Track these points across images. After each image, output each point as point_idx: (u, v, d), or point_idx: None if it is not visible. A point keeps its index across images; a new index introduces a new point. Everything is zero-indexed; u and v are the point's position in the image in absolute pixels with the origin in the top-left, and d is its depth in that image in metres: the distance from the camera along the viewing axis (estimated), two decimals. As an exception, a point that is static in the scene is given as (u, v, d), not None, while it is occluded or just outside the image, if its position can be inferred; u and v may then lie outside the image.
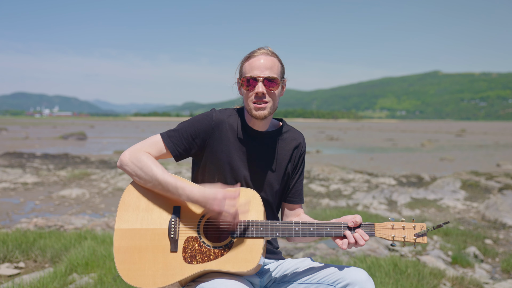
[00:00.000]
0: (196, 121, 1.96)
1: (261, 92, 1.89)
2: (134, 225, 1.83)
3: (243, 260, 1.76)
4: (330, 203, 9.24)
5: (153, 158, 1.87)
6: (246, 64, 1.94)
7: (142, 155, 1.86)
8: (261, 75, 1.89)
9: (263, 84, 1.90)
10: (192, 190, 1.78)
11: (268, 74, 1.90)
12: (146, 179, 1.83)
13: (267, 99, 1.91)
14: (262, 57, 1.92)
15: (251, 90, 1.91)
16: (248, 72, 1.92)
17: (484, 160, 21.33)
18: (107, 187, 10.88)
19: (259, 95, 1.90)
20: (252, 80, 1.90)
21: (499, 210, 7.79)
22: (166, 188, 1.80)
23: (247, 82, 1.91)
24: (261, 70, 1.90)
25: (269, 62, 1.91)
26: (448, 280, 3.97)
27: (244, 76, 1.93)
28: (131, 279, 1.78)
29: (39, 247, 4.52)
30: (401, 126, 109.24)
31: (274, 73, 1.91)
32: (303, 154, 2.12)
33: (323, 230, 1.83)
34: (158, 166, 1.84)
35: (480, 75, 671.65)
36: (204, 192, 1.77)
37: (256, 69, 1.90)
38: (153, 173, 1.81)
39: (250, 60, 1.93)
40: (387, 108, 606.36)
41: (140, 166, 1.83)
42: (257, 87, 1.89)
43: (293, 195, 2.11)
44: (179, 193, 1.79)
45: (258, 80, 1.90)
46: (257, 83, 1.90)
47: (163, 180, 1.80)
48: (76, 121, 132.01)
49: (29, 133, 42.87)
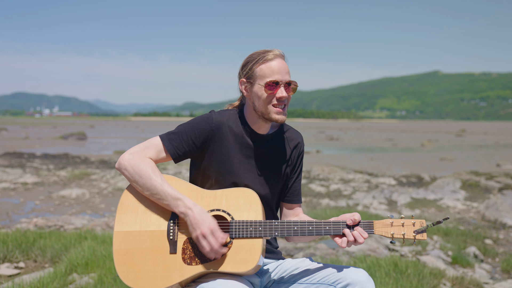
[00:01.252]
0: (196, 123, 1.95)
1: (285, 96, 1.90)
2: (133, 227, 1.83)
3: (243, 260, 1.76)
4: (330, 203, 9.24)
5: (153, 165, 1.86)
6: (263, 67, 1.90)
7: (142, 162, 1.84)
8: (283, 80, 1.90)
9: (284, 88, 1.91)
10: (191, 205, 1.78)
11: (288, 78, 1.91)
12: (144, 187, 1.82)
13: (286, 102, 1.93)
14: (280, 60, 1.92)
15: (272, 94, 1.90)
16: (268, 75, 1.89)
17: (484, 160, 21.33)
18: (107, 187, 10.88)
19: (282, 100, 1.90)
20: (274, 84, 1.89)
21: (499, 210, 7.79)
22: (165, 197, 1.80)
23: (269, 86, 1.89)
24: (282, 75, 1.90)
25: (286, 66, 1.93)
26: (448, 280, 3.96)
27: (266, 79, 1.89)
28: (131, 281, 1.78)
29: (39, 247, 4.52)
30: (401, 126, 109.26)
31: (291, 77, 1.94)
32: (302, 154, 2.12)
33: (322, 228, 1.83)
34: (157, 174, 1.83)
35: (480, 75, 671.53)
36: (203, 212, 1.76)
37: (277, 73, 1.89)
38: (151, 182, 1.81)
39: (269, 63, 1.90)
40: (387, 108, 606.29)
41: (139, 174, 1.82)
42: (281, 92, 1.89)
43: (291, 194, 2.11)
44: (177, 204, 1.79)
45: (281, 85, 1.90)
46: (279, 87, 1.90)
47: (162, 189, 1.80)
48: (76, 121, 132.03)
49: (29, 133, 42.87)
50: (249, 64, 1.93)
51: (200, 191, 1.89)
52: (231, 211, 1.84)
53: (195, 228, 1.74)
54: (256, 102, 1.93)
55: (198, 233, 1.73)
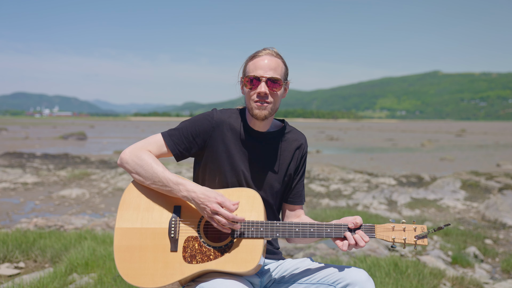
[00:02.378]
0: (197, 120, 1.96)
1: (263, 92, 1.89)
2: (134, 224, 1.84)
3: (243, 260, 1.76)
4: (330, 203, 9.24)
5: (153, 156, 1.89)
6: (250, 64, 1.94)
7: (142, 153, 1.87)
8: (265, 75, 1.89)
9: (266, 84, 1.90)
10: (193, 187, 1.79)
11: (271, 74, 1.90)
12: (146, 176, 1.84)
13: (269, 99, 1.91)
14: (267, 57, 1.92)
15: (253, 89, 1.91)
16: (251, 71, 1.91)
17: (484, 160, 21.33)
18: (107, 187, 10.88)
19: (261, 95, 1.89)
20: (255, 79, 1.90)
21: (499, 210, 7.79)
22: (167, 184, 1.81)
23: (250, 81, 1.91)
24: (264, 70, 1.89)
25: (273, 63, 1.91)
26: (448, 280, 3.96)
27: (247, 75, 1.92)
28: (131, 278, 1.78)
29: (39, 247, 4.52)
30: (401, 126, 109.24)
31: (277, 74, 1.91)
32: (305, 155, 2.12)
33: (323, 231, 1.83)
34: (159, 163, 1.85)
35: (480, 75, 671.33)
36: (206, 190, 1.78)
37: (260, 68, 1.90)
38: (153, 170, 1.83)
39: (255, 60, 1.92)
40: (387, 108, 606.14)
41: (140, 164, 1.84)
42: (260, 87, 1.89)
43: (293, 196, 2.11)
44: (179, 189, 1.80)
45: (261, 80, 1.89)
46: (260, 83, 1.90)
47: (164, 176, 1.81)
48: (76, 121, 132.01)
49: (29, 133, 42.86)
50: (245, 63, 1.98)
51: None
52: (233, 211, 1.84)
53: (204, 206, 1.76)
54: (245, 98, 1.98)
55: (208, 210, 1.75)
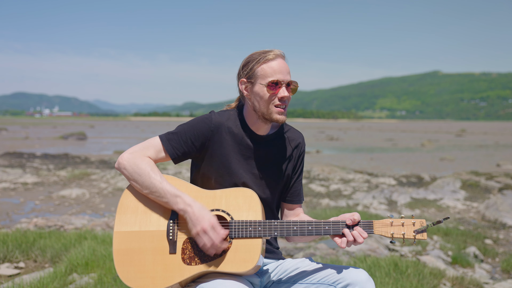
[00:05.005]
0: (195, 124, 1.95)
1: (287, 96, 1.90)
2: (133, 227, 1.83)
3: (242, 260, 1.76)
4: (330, 203, 9.24)
5: (152, 164, 1.86)
6: (264, 67, 1.90)
7: (141, 161, 1.85)
8: (285, 80, 1.90)
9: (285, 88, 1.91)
10: (191, 201, 1.78)
11: (289, 78, 1.92)
12: (143, 186, 1.83)
13: (287, 102, 1.94)
14: (281, 60, 1.92)
15: (274, 94, 1.90)
16: (270, 75, 1.89)
17: (484, 160, 21.33)
18: (107, 187, 10.88)
19: (284, 99, 1.90)
20: (275, 84, 1.89)
21: (499, 210, 7.79)
22: (164, 195, 1.80)
23: (271, 86, 1.89)
24: (284, 74, 1.90)
25: (287, 66, 1.94)
26: (448, 280, 3.96)
27: (267, 79, 1.89)
28: (131, 281, 1.78)
29: (39, 247, 4.52)
30: (401, 126, 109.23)
31: (292, 77, 1.94)
32: (303, 154, 2.12)
33: (321, 228, 1.83)
34: (156, 173, 1.83)
35: (480, 75, 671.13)
36: (203, 209, 1.76)
37: (279, 73, 1.89)
38: (151, 180, 1.81)
39: (270, 63, 1.90)
40: (387, 108, 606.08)
41: (138, 172, 1.83)
42: (282, 91, 1.89)
43: (292, 195, 2.11)
44: (177, 201, 1.79)
45: (283, 84, 1.90)
46: (281, 87, 1.90)
47: (161, 187, 1.80)
48: (76, 121, 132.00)
49: (29, 133, 42.87)
50: (250, 64, 1.93)
51: (199, 191, 1.89)
52: (230, 211, 1.84)
53: (195, 224, 1.74)
54: (257, 102, 1.93)
55: (199, 229, 1.73)
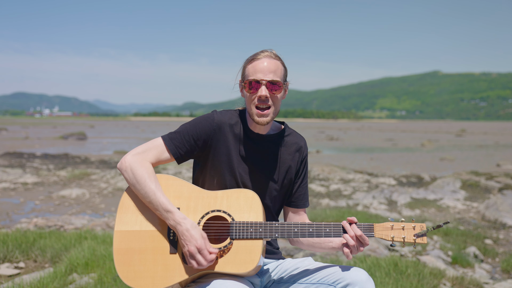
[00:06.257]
0: (197, 123, 1.95)
1: (264, 95, 1.88)
2: (133, 227, 1.83)
3: (243, 261, 1.76)
4: (330, 203, 9.24)
5: (150, 171, 1.85)
6: (249, 67, 1.92)
7: (140, 166, 1.84)
8: (265, 79, 1.88)
9: (266, 87, 1.89)
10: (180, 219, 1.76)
11: (271, 77, 1.89)
12: (140, 194, 1.83)
13: (270, 102, 1.90)
14: (266, 60, 1.90)
15: (254, 93, 1.90)
16: (251, 74, 1.90)
17: (484, 160, 21.32)
18: (107, 187, 10.88)
19: (262, 99, 1.89)
20: (255, 83, 1.89)
21: (499, 210, 7.79)
22: (157, 208, 1.79)
23: (249, 85, 1.90)
24: (264, 73, 1.88)
25: (272, 65, 1.90)
26: (448, 280, 3.96)
27: (247, 78, 1.91)
28: (131, 280, 1.78)
29: (39, 247, 4.52)
30: (401, 126, 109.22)
31: (277, 77, 1.90)
32: (305, 158, 2.10)
33: (322, 230, 1.83)
34: (152, 181, 1.82)
35: (480, 75, 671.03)
36: (192, 228, 1.75)
37: (259, 72, 1.88)
38: (146, 190, 1.80)
39: (254, 63, 1.91)
40: (387, 108, 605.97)
41: (137, 180, 1.82)
42: (260, 91, 1.88)
43: (296, 199, 2.10)
44: (167, 217, 1.78)
45: (262, 84, 1.88)
46: (260, 86, 1.89)
47: (155, 199, 1.79)
48: (76, 121, 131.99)
49: (29, 133, 42.86)
50: (243, 65, 1.96)
51: (201, 192, 1.89)
52: (231, 212, 1.84)
53: (184, 243, 1.75)
54: (246, 101, 1.96)
55: (185, 250, 1.74)
